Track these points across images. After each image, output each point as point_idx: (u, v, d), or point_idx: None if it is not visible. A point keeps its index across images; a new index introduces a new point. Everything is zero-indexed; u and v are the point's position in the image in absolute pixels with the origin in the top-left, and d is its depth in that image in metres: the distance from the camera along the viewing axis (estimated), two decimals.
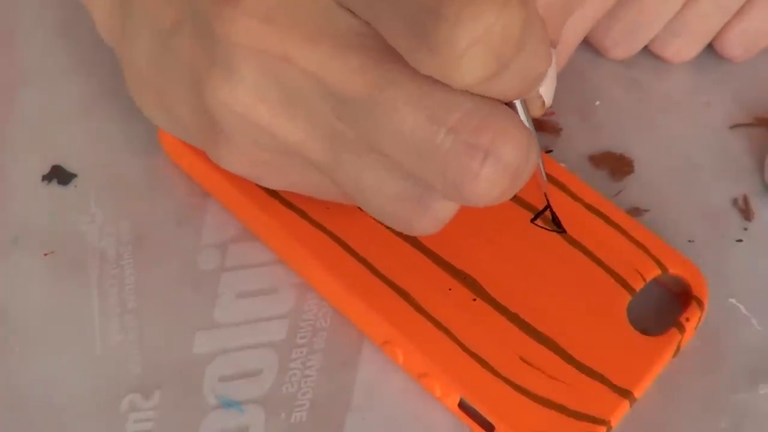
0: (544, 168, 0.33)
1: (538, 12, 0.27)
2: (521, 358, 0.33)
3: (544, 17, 0.30)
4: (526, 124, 0.30)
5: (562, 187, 0.37)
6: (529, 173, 0.29)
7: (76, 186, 0.39)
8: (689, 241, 0.38)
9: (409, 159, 0.28)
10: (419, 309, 0.34)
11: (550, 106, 0.31)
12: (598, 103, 0.42)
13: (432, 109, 0.28)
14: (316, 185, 0.33)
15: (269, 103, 0.30)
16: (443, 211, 0.30)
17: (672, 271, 0.35)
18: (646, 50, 0.42)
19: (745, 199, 0.39)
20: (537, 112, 0.31)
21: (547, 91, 0.30)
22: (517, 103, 0.30)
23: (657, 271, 0.35)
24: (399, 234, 0.35)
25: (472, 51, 0.25)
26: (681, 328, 0.34)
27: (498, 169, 0.28)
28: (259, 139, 0.31)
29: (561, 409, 0.32)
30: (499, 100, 0.28)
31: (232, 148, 0.32)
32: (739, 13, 0.40)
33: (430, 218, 0.30)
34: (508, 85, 0.27)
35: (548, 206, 0.36)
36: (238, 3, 0.29)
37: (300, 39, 0.29)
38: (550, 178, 0.37)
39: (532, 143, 0.28)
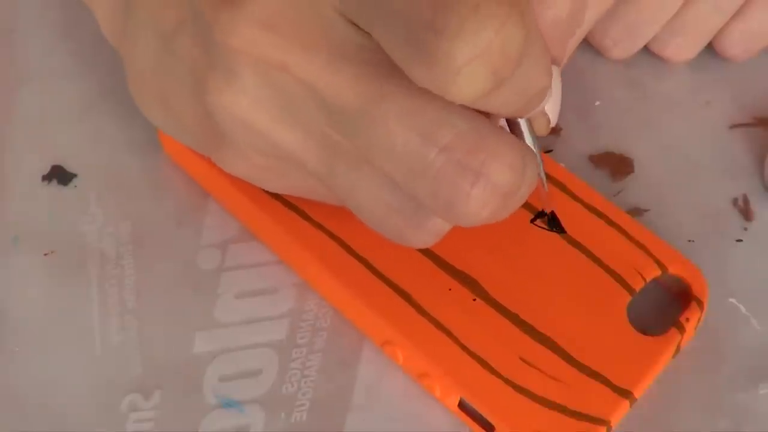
0: (546, 180, 0.33)
1: (537, 28, 0.27)
2: (521, 358, 0.33)
3: (548, 35, 0.30)
4: (531, 143, 0.30)
5: (562, 187, 0.37)
6: (524, 194, 0.28)
7: (76, 186, 0.39)
8: (689, 241, 0.38)
9: (401, 175, 0.28)
10: (419, 309, 0.34)
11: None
12: (598, 103, 0.42)
13: (425, 126, 0.28)
14: (316, 189, 0.33)
15: (268, 110, 0.30)
16: (438, 225, 0.30)
17: (672, 271, 0.35)
18: (646, 50, 0.42)
19: (745, 199, 0.39)
20: (542, 131, 0.31)
21: (552, 109, 0.30)
22: (522, 123, 0.30)
23: (657, 271, 0.35)
24: None
25: (469, 66, 0.25)
26: (681, 328, 0.34)
27: (488, 190, 0.28)
28: (258, 144, 0.31)
29: (561, 409, 0.32)
30: (498, 120, 0.28)
31: (234, 152, 0.32)
32: (739, 13, 0.40)
33: (425, 232, 0.30)
34: (507, 101, 0.27)
35: (549, 211, 0.36)
36: (237, 9, 0.29)
37: (297, 48, 0.29)
38: (550, 178, 0.37)
39: (528, 164, 0.28)
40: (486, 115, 0.29)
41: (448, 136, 0.27)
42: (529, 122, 0.30)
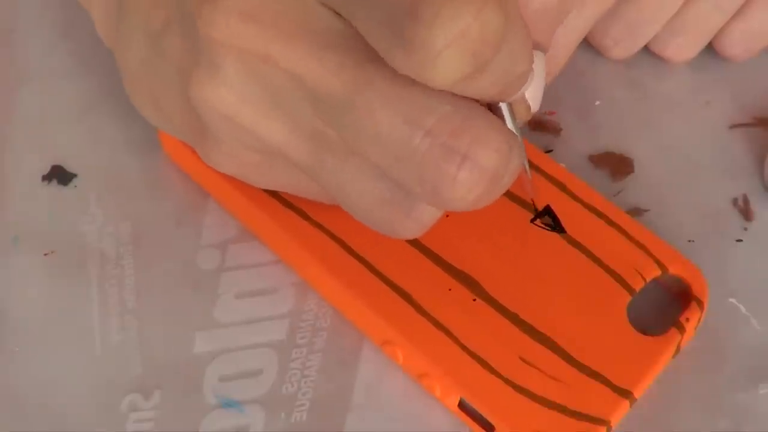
0: (529, 169, 0.33)
1: (518, 13, 0.27)
2: (521, 358, 0.33)
3: (535, 21, 0.30)
4: (512, 128, 0.30)
5: (562, 187, 0.37)
6: (510, 178, 0.28)
7: (76, 186, 0.39)
8: (689, 241, 0.38)
9: (387, 162, 0.28)
10: (419, 309, 0.34)
11: (550, 108, 0.31)
12: (598, 103, 0.42)
13: (409, 111, 0.27)
14: (305, 186, 0.33)
15: (252, 103, 0.30)
16: (426, 214, 0.30)
17: (672, 271, 0.35)
18: (646, 50, 0.42)
19: (745, 199, 0.39)
20: (523, 117, 0.31)
21: (533, 95, 0.30)
22: (503, 108, 0.30)
23: (657, 271, 0.35)
24: None
25: (448, 51, 0.25)
26: (681, 328, 0.34)
27: (475, 173, 0.27)
28: (244, 139, 0.31)
29: (561, 409, 0.32)
30: (482, 105, 0.28)
31: (220, 148, 0.32)
32: (739, 13, 0.40)
33: (413, 222, 0.30)
34: (487, 86, 0.27)
35: (546, 207, 0.36)
36: (219, 1, 0.29)
37: (280, 37, 0.29)
38: (550, 178, 0.37)
39: (514, 148, 0.28)
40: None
41: (433, 120, 0.27)
42: (510, 107, 0.30)
